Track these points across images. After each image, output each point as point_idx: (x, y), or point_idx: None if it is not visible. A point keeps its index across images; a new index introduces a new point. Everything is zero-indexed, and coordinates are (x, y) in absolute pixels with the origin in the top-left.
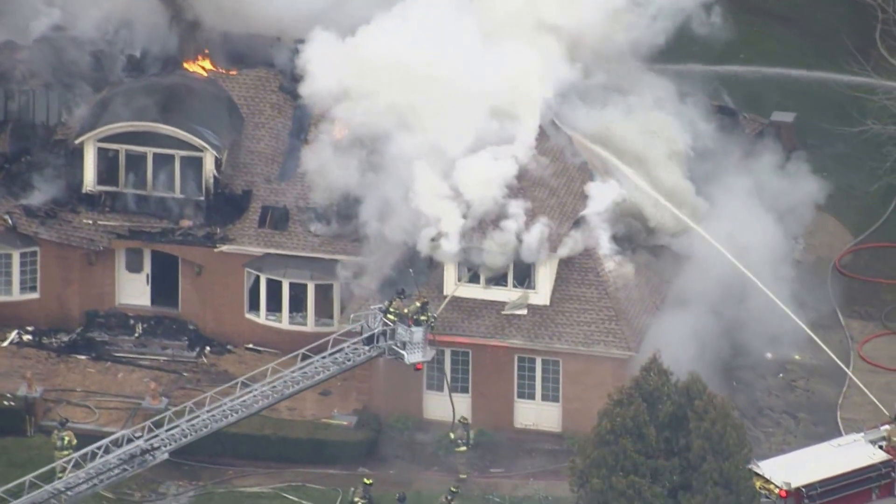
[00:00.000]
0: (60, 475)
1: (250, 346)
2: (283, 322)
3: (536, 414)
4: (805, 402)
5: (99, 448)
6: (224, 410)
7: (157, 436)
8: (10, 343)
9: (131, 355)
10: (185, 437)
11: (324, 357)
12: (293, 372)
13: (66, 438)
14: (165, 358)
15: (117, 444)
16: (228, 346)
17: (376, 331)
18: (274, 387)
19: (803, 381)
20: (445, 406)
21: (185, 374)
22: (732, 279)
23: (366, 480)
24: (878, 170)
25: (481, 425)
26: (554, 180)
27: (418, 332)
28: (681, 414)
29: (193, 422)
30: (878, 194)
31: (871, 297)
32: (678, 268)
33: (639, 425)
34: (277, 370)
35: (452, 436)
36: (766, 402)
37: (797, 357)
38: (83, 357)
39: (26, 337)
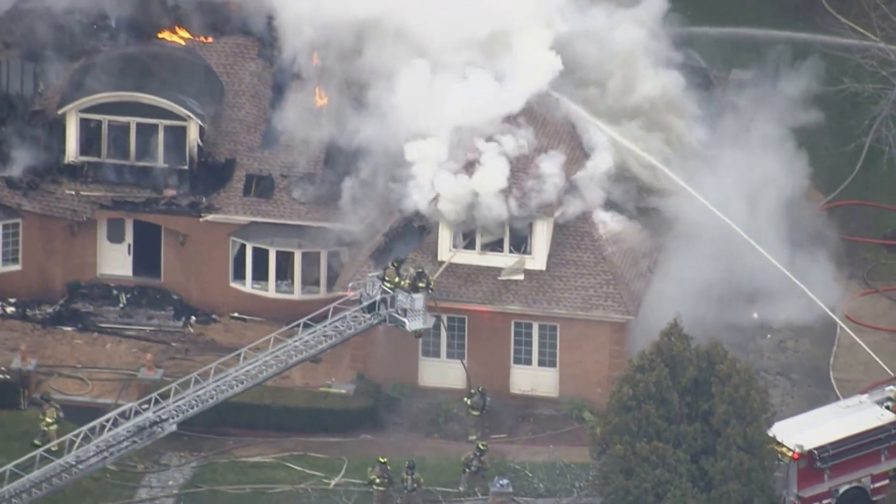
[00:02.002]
0: (40, 443)
1: (235, 314)
2: (270, 290)
3: (533, 379)
4: (796, 362)
5: (107, 421)
6: (229, 381)
7: (164, 407)
8: None
9: (117, 326)
10: (192, 408)
11: (325, 326)
12: (296, 341)
13: (54, 413)
14: (151, 328)
15: (125, 416)
16: (213, 316)
17: (377, 298)
18: (277, 356)
19: (792, 342)
20: (441, 373)
21: (173, 343)
22: (723, 239)
23: (381, 459)
24: (856, 129)
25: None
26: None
27: (419, 300)
28: (702, 379)
29: (199, 392)
30: (854, 153)
31: (851, 256)
32: (668, 230)
33: (661, 391)
34: (280, 339)
35: (468, 401)
36: (760, 364)
37: (781, 317)
38: (69, 328)
39: (9, 309)
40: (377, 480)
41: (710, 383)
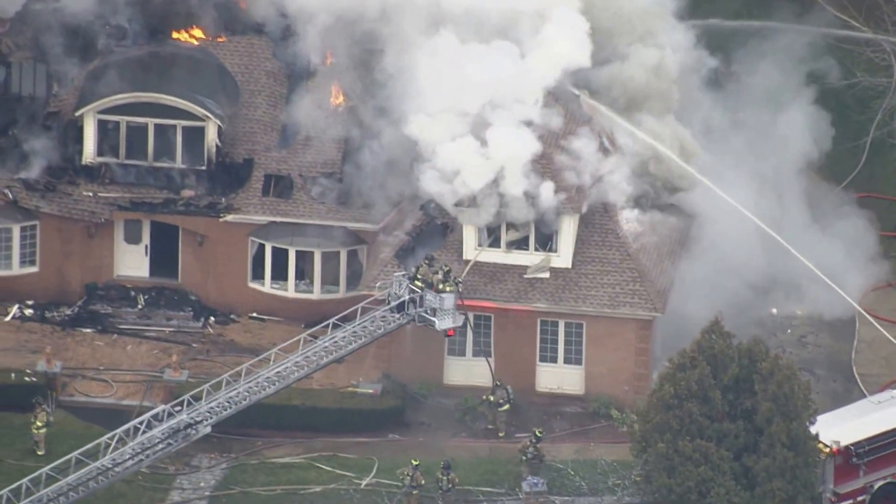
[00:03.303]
0: (40, 453)
1: (254, 314)
2: (289, 290)
3: (559, 377)
4: (818, 357)
5: (141, 423)
6: (261, 382)
7: (198, 409)
8: (13, 318)
9: (136, 327)
10: (226, 409)
11: (355, 326)
12: (326, 342)
13: (44, 416)
14: (171, 329)
15: (158, 418)
16: (232, 316)
17: (406, 298)
18: (308, 357)
19: (813, 336)
20: (467, 371)
21: (193, 344)
22: (744, 233)
23: (414, 461)
24: (868, 123)
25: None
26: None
27: (449, 299)
28: (743, 376)
29: (232, 394)
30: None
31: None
32: (689, 225)
33: (704, 389)
34: (307, 340)
35: (492, 398)
36: None
37: (799, 312)
38: (88, 330)
39: (28, 311)
40: (418, 483)
41: (751, 381)
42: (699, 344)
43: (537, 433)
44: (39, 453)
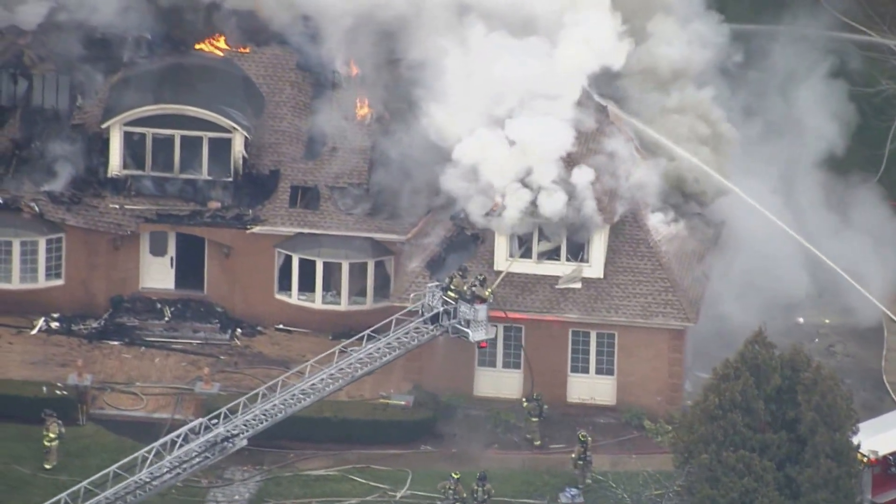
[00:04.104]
0: (49, 466)
1: (280, 326)
2: (316, 302)
3: (590, 388)
4: (847, 366)
5: (178, 436)
6: (296, 395)
7: (234, 422)
8: (39, 331)
9: (163, 339)
10: (262, 422)
11: (390, 337)
12: (360, 353)
13: (56, 429)
14: (198, 341)
15: (195, 432)
16: (258, 328)
17: (440, 309)
18: (342, 369)
19: (841, 346)
20: (497, 383)
21: (221, 357)
22: (773, 240)
23: (454, 474)
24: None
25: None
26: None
27: (482, 310)
28: (786, 386)
29: (267, 407)
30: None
31: None
32: (717, 233)
33: (747, 399)
34: (344, 352)
35: (525, 405)
36: None
37: (826, 321)
38: (115, 343)
39: (54, 324)
40: (460, 496)
41: (794, 391)
42: (742, 354)
43: (581, 437)
44: (47, 466)
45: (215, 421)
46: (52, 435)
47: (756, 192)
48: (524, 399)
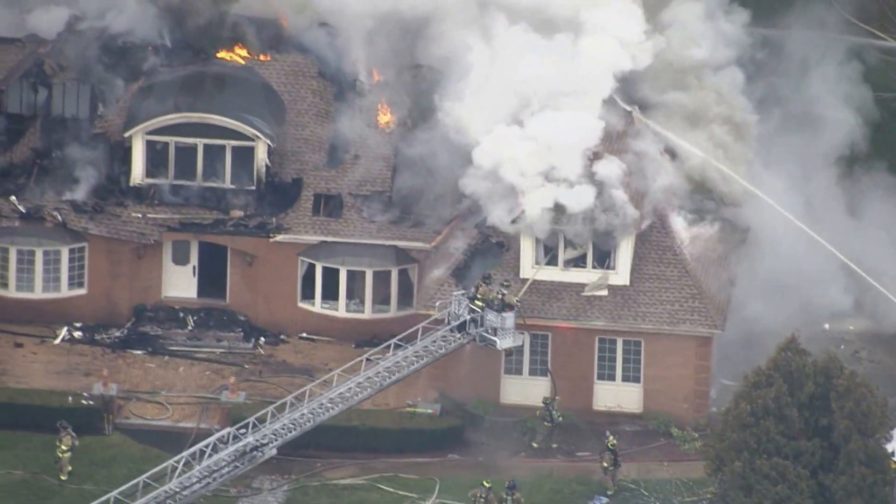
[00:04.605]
0: (63, 477)
1: (304, 334)
2: (340, 310)
3: (617, 395)
4: (873, 373)
5: (207, 446)
6: (324, 404)
7: (263, 431)
8: (62, 340)
9: (187, 348)
10: (291, 431)
11: (417, 346)
12: (388, 362)
13: (69, 441)
14: (222, 350)
15: (223, 441)
16: (281, 336)
17: (468, 317)
18: (370, 378)
19: (866, 352)
20: (524, 390)
21: (245, 365)
22: (798, 244)
23: (485, 483)
24: None
25: (560, 409)
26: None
27: (509, 318)
28: (819, 393)
29: (296, 416)
30: None
31: None
32: (743, 238)
33: (780, 406)
34: (371, 361)
35: (538, 412)
36: None
37: (851, 327)
38: (139, 352)
39: (77, 334)
40: None
41: (827, 398)
42: (775, 361)
43: (610, 445)
44: (63, 478)
45: (244, 430)
46: (64, 447)
47: (779, 194)
48: (543, 400)
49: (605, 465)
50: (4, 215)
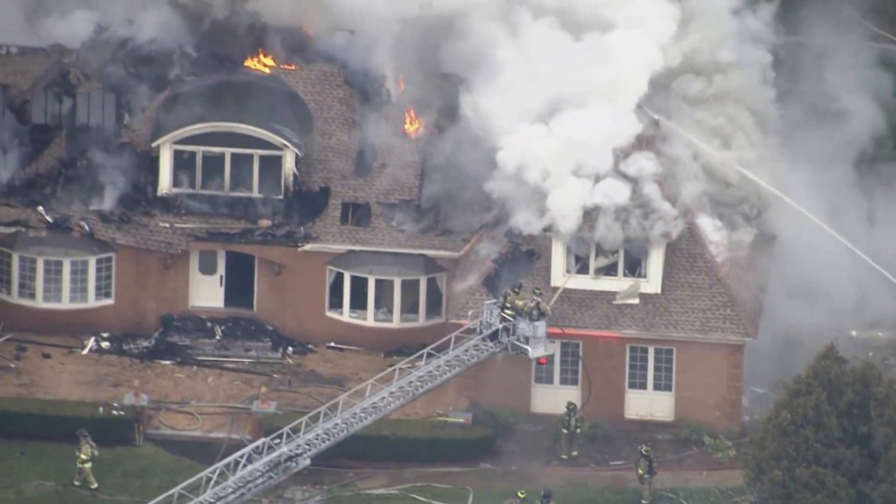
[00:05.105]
0: (80, 483)
1: (332, 344)
2: (369, 319)
3: (648, 404)
4: None
5: (241, 456)
6: (357, 413)
7: (296, 442)
8: (90, 351)
9: (215, 358)
10: (324, 441)
11: (450, 355)
12: (420, 371)
13: (89, 450)
14: (250, 360)
15: (258, 451)
16: (309, 346)
17: (499, 326)
18: (402, 387)
19: (895, 359)
20: (554, 399)
21: (274, 375)
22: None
23: (520, 494)
24: None
25: (592, 417)
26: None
27: (541, 327)
28: (857, 401)
29: (329, 426)
30: None
31: None
32: (771, 245)
33: (820, 415)
34: (404, 370)
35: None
36: None
37: (879, 334)
38: (167, 362)
39: (104, 344)
40: None
41: (866, 406)
42: (814, 369)
43: (643, 451)
44: (93, 486)
45: (278, 440)
46: (83, 456)
47: (803, 197)
48: (567, 405)
49: (641, 472)
50: (32, 226)
